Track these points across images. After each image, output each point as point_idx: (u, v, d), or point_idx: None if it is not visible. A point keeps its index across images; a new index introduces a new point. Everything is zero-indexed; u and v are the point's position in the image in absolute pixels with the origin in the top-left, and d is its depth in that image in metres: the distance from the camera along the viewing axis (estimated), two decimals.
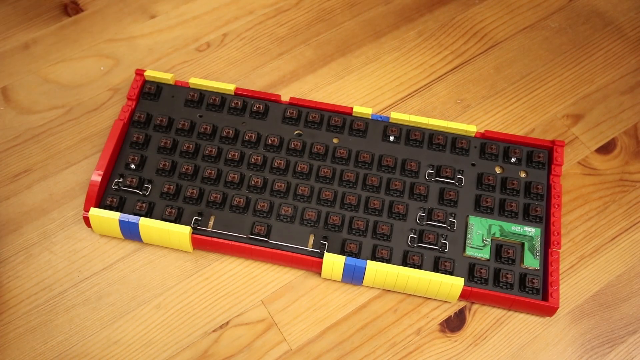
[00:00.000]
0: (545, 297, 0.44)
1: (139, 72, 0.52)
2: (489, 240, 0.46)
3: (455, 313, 0.46)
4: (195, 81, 0.51)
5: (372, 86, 0.56)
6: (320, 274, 0.46)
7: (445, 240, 0.46)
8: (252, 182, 0.47)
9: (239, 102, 0.51)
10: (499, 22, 0.60)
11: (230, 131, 0.50)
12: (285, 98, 0.53)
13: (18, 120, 0.53)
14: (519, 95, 0.56)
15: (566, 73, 0.57)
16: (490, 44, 0.59)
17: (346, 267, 0.44)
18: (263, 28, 0.59)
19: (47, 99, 0.55)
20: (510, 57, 0.58)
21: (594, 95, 0.56)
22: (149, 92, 0.51)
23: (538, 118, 0.54)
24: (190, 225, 0.46)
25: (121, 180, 0.48)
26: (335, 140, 0.50)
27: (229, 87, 0.51)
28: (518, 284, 0.45)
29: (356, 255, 0.45)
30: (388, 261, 0.45)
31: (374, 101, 0.55)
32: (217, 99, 0.51)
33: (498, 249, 0.46)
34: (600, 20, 0.60)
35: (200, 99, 0.51)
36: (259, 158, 0.49)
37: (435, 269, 0.45)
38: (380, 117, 0.51)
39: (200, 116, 0.51)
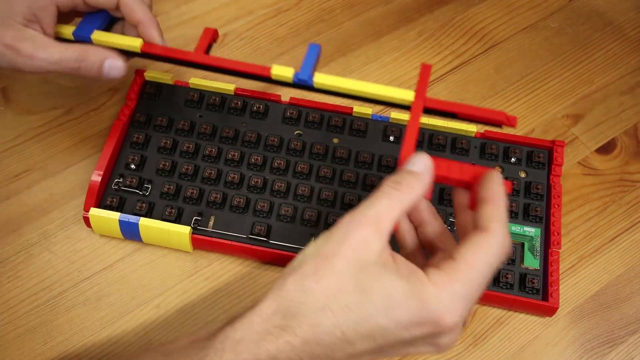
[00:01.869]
0: (545, 297, 0.44)
1: (139, 72, 0.52)
2: None
3: None
4: (195, 81, 0.51)
5: None
6: None
7: None
8: (252, 182, 0.47)
9: (239, 102, 0.51)
10: (499, 22, 0.60)
11: (230, 131, 0.50)
12: (285, 98, 0.53)
13: (18, 120, 0.53)
14: (519, 95, 0.56)
15: (566, 73, 0.57)
16: (490, 44, 0.59)
17: None
18: (263, 28, 0.59)
19: (47, 99, 0.55)
20: (510, 57, 0.58)
21: (594, 95, 0.56)
22: (149, 92, 0.51)
23: (538, 118, 0.54)
24: (190, 225, 0.46)
25: (121, 180, 0.48)
26: (335, 140, 0.50)
27: (229, 87, 0.51)
28: (518, 284, 0.45)
29: None
30: None
31: None
32: (217, 98, 0.51)
33: None
34: (600, 20, 0.60)
35: (200, 99, 0.51)
36: (259, 158, 0.49)
37: None
38: (380, 117, 0.51)
39: (200, 116, 0.51)
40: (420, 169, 0.32)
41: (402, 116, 0.50)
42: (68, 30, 0.42)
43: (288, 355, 0.30)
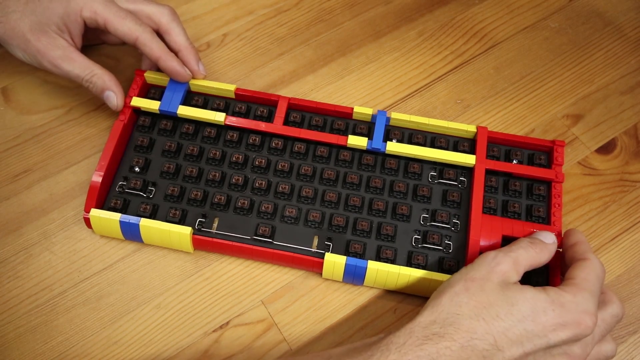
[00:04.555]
0: None
1: (139, 73, 0.51)
2: None
3: None
4: (196, 82, 0.51)
5: (372, 86, 0.56)
6: (322, 274, 0.46)
7: (449, 241, 0.46)
8: (256, 184, 0.47)
9: (243, 107, 0.51)
10: (499, 22, 0.60)
11: (234, 134, 0.50)
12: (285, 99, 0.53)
13: (18, 120, 0.53)
14: (519, 95, 0.56)
15: (566, 73, 0.57)
16: (490, 44, 0.59)
17: (347, 267, 0.44)
18: (263, 28, 0.59)
19: (47, 99, 0.54)
20: (510, 57, 0.58)
21: (594, 95, 0.56)
22: (153, 96, 0.51)
23: (538, 118, 0.54)
24: (194, 227, 0.46)
25: (125, 183, 0.48)
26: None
27: (229, 88, 0.51)
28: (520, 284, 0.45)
29: (360, 256, 0.45)
30: (393, 262, 0.45)
31: (374, 101, 0.55)
32: (222, 103, 0.51)
33: None
34: (600, 20, 0.60)
35: (204, 103, 0.51)
36: (263, 161, 0.48)
37: (440, 269, 0.45)
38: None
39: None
40: (550, 242, 0.41)
41: (402, 116, 0.50)
42: (154, 106, 0.49)
43: None
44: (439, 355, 0.34)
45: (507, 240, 0.45)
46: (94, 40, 0.54)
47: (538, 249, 0.40)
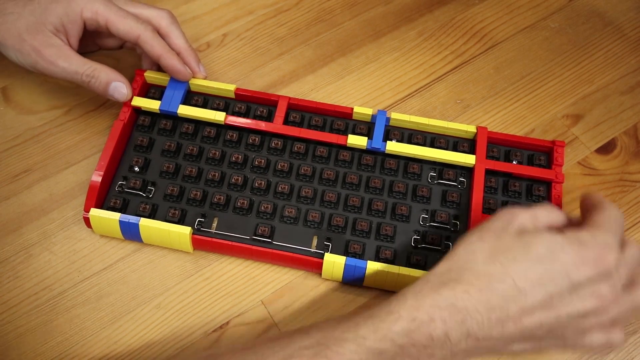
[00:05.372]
0: None
1: (139, 73, 0.51)
2: None
3: None
4: (196, 82, 0.51)
5: (372, 86, 0.56)
6: (321, 274, 0.46)
7: (448, 241, 0.46)
8: (256, 184, 0.47)
9: (243, 107, 0.51)
10: (499, 22, 0.60)
11: (234, 134, 0.50)
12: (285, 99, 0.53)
13: (18, 120, 0.53)
14: (519, 95, 0.56)
15: (566, 73, 0.57)
16: (490, 44, 0.59)
17: (346, 268, 0.44)
18: (263, 28, 0.59)
19: (47, 99, 0.54)
20: (510, 57, 0.58)
21: (594, 95, 0.56)
22: (152, 96, 0.51)
23: (538, 118, 0.54)
24: (194, 227, 0.46)
25: (125, 182, 0.48)
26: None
27: (229, 88, 0.51)
28: None
29: (360, 256, 0.45)
30: (392, 262, 0.45)
31: (374, 101, 0.55)
32: (221, 103, 0.51)
33: None
34: (600, 20, 0.60)
35: (204, 103, 0.51)
36: (262, 161, 0.49)
37: None
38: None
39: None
40: (552, 210, 0.39)
41: (402, 116, 0.50)
42: (155, 105, 0.49)
43: (465, 304, 0.34)
44: (457, 300, 0.34)
45: None
46: (90, 47, 0.53)
47: (559, 211, 0.38)
